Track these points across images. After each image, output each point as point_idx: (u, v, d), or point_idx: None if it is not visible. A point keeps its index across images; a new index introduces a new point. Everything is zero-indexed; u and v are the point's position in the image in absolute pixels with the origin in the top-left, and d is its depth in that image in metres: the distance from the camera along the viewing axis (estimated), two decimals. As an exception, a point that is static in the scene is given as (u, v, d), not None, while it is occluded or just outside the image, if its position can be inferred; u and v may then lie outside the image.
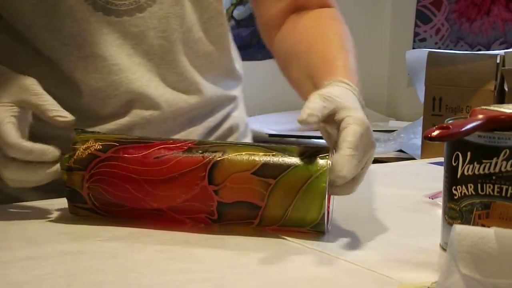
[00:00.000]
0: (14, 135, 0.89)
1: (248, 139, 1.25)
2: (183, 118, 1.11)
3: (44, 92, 0.92)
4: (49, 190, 0.95)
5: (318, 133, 0.92)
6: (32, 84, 0.93)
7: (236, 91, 1.23)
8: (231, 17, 2.95)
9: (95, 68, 1.05)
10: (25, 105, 0.92)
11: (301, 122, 0.82)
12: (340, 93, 0.88)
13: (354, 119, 0.83)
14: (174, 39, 1.09)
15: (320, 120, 0.83)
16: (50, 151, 0.89)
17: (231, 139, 1.18)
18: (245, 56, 2.97)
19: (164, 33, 1.08)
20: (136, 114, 1.08)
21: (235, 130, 1.20)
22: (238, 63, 1.24)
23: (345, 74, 0.96)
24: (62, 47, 1.05)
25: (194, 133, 1.12)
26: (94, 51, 1.05)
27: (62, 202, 0.91)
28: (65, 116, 0.91)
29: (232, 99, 1.20)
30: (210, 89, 1.14)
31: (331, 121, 0.85)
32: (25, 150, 0.88)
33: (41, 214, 0.91)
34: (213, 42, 1.14)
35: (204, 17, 1.12)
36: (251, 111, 2.97)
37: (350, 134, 0.81)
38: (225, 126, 1.18)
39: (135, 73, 1.07)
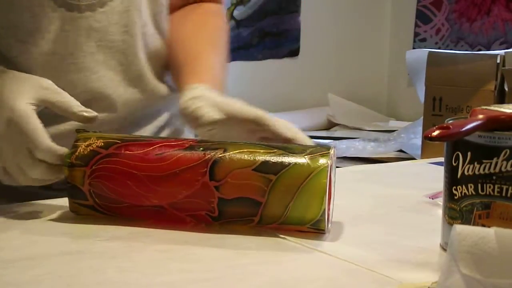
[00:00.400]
0: (46, 138, 0.88)
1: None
2: (134, 117, 1.10)
3: (63, 90, 0.92)
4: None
5: (318, 133, 0.93)
6: (51, 82, 0.93)
7: None
8: (231, 17, 2.95)
9: (53, 66, 1.03)
10: (48, 104, 0.91)
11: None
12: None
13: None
14: (135, 33, 1.08)
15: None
16: None
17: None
18: (245, 56, 2.99)
19: (126, 27, 1.07)
20: None
21: (183, 131, 1.20)
22: None
23: (202, 77, 1.03)
24: (19, 45, 1.02)
25: (143, 133, 1.11)
26: (53, 49, 1.03)
27: (62, 202, 0.91)
28: (90, 111, 0.91)
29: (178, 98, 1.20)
30: (160, 87, 1.13)
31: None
32: (57, 154, 0.88)
33: (41, 214, 0.91)
34: (162, 38, 1.13)
35: (155, 11, 1.11)
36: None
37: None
38: (173, 125, 1.18)
39: (97, 71, 1.05)
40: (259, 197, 0.83)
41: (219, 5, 1.23)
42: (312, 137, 2.97)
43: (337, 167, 0.90)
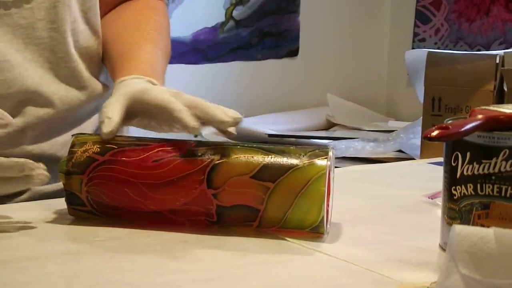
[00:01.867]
0: None
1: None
2: (74, 116, 1.09)
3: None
4: None
5: (318, 133, 0.93)
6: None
7: None
8: (230, 17, 2.95)
9: None
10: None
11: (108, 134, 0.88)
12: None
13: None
14: (64, 30, 1.06)
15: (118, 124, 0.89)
16: None
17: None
18: (244, 56, 2.99)
19: (54, 24, 1.05)
20: (30, 114, 1.04)
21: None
22: None
23: (138, 69, 1.02)
24: None
25: (83, 130, 1.09)
26: None
27: (62, 202, 0.91)
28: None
29: None
30: (95, 84, 1.11)
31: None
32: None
33: (41, 214, 0.91)
34: (94, 34, 1.12)
35: (85, 7, 1.10)
36: (251, 111, 2.98)
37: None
38: None
39: (27, 69, 1.03)
40: (257, 205, 0.83)
41: (159, 0, 1.21)
42: (311, 137, 2.97)
43: (336, 167, 0.90)
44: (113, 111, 0.90)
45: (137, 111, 0.93)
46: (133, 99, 0.93)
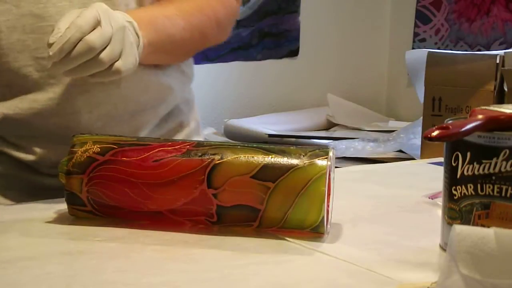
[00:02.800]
0: None
1: None
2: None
3: None
4: None
5: (318, 134, 0.93)
6: None
7: None
8: (230, 17, 2.95)
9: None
10: None
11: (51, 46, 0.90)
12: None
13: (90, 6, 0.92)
14: (118, 3, 1.06)
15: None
16: None
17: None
18: (245, 56, 2.99)
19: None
20: None
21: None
22: None
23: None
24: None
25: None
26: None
27: (62, 202, 0.91)
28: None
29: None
30: None
31: None
32: None
33: (41, 214, 0.91)
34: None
35: None
36: (251, 111, 2.98)
37: (79, 16, 0.91)
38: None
39: None
40: (257, 205, 0.83)
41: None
42: (311, 137, 2.96)
43: (336, 167, 0.90)
44: (62, 23, 0.92)
45: None
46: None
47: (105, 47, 0.92)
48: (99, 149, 0.87)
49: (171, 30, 1.07)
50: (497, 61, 2.25)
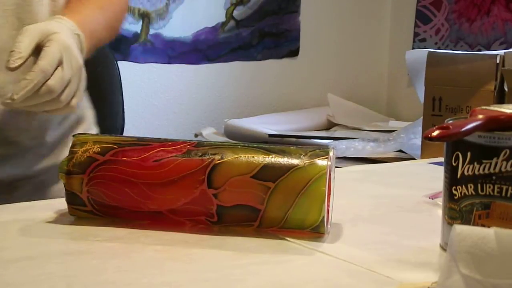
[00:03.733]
0: None
1: None
2: None
3: None
4: None
5: (318, 133, 0.93)
6: None
7: None
8: (231, 17, 2.95)
9: None
10: None
11: (13, 69, 0.95)
12: (52, 25, 1.02)
13: (53, 41, 0.98)
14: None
15: (29, 55, 0.97)
16: None
17: None
18: (245, 56, 2.99)
19: None
20: None
21: None
22: None
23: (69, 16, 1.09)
24: None
25: None
26: None
27: (62, 202, 0.91)
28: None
29: None
30: None
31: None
32: None
33: (41, 214, 0.91)
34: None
35: None
36: (252, 111, 2.98)
37: (43, 56, 0.96)
38: None
39: None
40: (258, 205, 0.83)
41: None
42: (311, 137, 2.97)
43: (336, 167, 0.90)
44: (23, 46, 0.97)
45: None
46: (43, 37, 0.99)
47: (65, 88, 0.99)
48: (99, 149, 0.87)
49: (99, 34, 1.15)
50: (497, 61, 2.25)
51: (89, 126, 1.29)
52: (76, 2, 1.16)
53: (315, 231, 0.84)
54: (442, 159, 0.82)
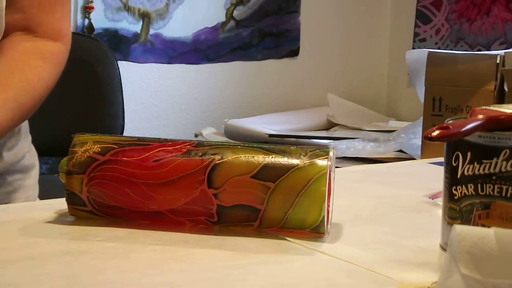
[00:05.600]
0: None
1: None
2: None
3: None
4: None
5: (318, 133, 0.93)
6: None
7: None
8: (231, 17, 2.95)
9: None
10: None
11: None
12: None
13: None
14: None
15: None
16: None
17: None
18: (245, 56, 2.99)
19: None
20: None
21: None
22: None
23: None
24: None
25: None
26: None
27: (62, 202, 0.91)
28: None
29: None
30: None
31: None
32: None
33: (41, 214, 0.91)
34: None
35: None
36: (252, 111, 2.98)
37: None
38: None
39: None
40: (258, 205, 0.83)
41: (58, 44, 1.17)
42: (311, 137, 2.97)
43: (337, 167, 0.90)
44: None
45: None
46: None
47: None
48: (99, 149, 0.87)
49: (4, 124, 1.07)
50: (497, 61, 2.25)
51: (24, 136, 1.24)
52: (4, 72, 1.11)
53: (315, 231, 0.84)
54: (442, 159, 0.82)
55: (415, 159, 2.38)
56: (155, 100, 2.86)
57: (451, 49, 2.98)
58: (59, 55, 1.17)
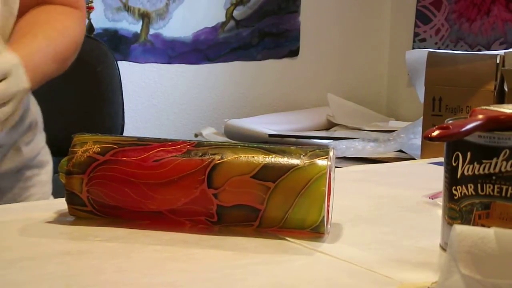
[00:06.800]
0: None
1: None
2: None
3: None
4: None
5: (318, 133, 0.93)
6: None
7: None
8: (231, 17, 2.95)
9: None
10: None
11: None
12: None
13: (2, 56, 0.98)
14: None
15: None
16: None
17: None
18: (245, 56, 2.99)
19: None
20: None
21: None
22: None
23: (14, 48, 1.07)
24: None
25: None
26: None
27: (62, 202, 0.91)
28: None
29: None
30: None
31: None
32: None
33: (41, 214, 0.91)
34: (10, 16, 1.15)
35: None
36: (252, 111, 2.98)
37: None
38: None
39: None
40: (258, 205, 0.83)
41: (77, 11, 1.23)
42: (311, 137, 2.97)
43: (337, 167, 0.90)
44: None
45: None
46: None
47: (3, 104, 0.98)
48: (99, 149, 0.87)
49: (45, 68, 1.12)
50: (497, 61, 2.25)
51: (40, 130, 1.27)
52: (23, 30, 1.14)
53: (315, 231, 0.84)
54: (442, 159, 0.82)
55: (415, 159, 2.38)
56: (155, 100, 2.86)
57: (451, 49, 2.98)
58: (80, 18, 1.23)
